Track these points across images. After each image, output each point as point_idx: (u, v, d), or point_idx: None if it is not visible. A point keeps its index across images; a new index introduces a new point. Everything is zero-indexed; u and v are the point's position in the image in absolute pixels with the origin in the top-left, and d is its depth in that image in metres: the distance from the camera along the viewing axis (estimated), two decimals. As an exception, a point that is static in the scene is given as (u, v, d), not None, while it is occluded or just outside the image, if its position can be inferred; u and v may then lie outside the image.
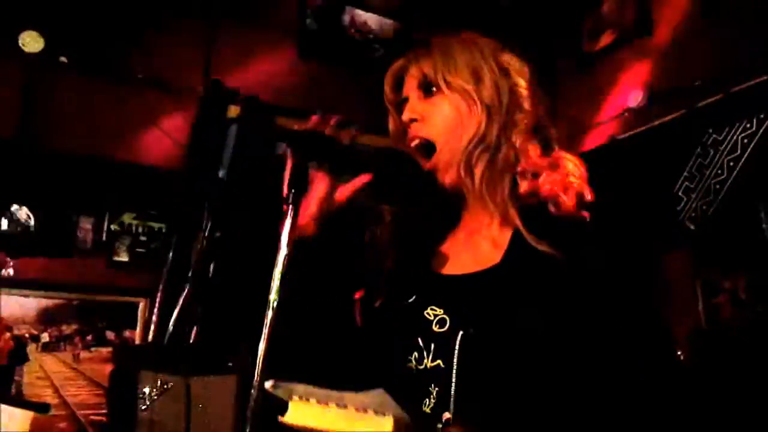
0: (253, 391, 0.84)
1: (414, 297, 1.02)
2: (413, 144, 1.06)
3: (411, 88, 1.11)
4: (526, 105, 1.06)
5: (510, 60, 1.10)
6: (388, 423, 0.72)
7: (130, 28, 3.29)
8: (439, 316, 0.97)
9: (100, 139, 3.18)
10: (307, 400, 0.79)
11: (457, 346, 0.93)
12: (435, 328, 0.97)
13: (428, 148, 1.06)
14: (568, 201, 0.98)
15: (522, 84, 1.08)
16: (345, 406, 0.76)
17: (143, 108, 3.31)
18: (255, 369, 0.93)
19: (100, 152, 3.16)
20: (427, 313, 0.99)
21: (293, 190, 0.87)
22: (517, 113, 1.05)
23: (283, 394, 0.80)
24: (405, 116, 1.09)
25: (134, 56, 3.29)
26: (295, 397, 0.79)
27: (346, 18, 3.83)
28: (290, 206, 0.87)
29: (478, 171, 1.02)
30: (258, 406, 0.86)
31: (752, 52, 2.76)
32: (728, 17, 3.00)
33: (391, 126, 1.17)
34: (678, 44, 3.25)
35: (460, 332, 0.94)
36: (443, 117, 1.06)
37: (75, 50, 3.14)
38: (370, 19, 3.87)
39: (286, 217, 0.87)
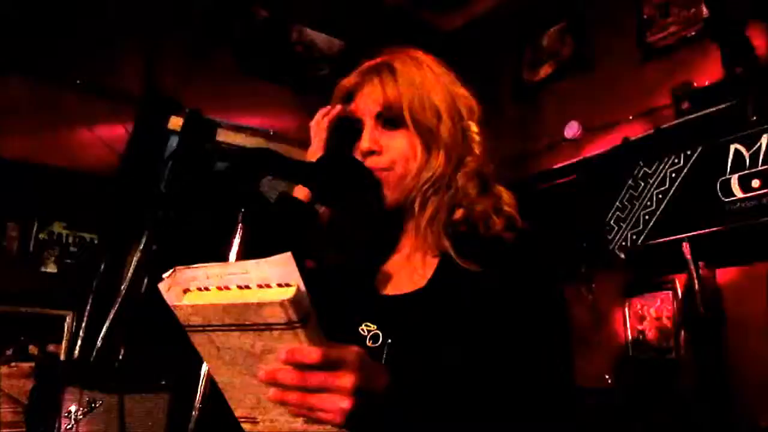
0: (194, 412, 0.82)
1: (348, 315, 1.05)
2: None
3: (368, 111, 1.10)
4: (477, 149, 1.10)
5: (463, 97, 1.13)
6: (289, 291, 0.69)
7: (68, 29, 3.20)
8: (373, 332, 1.00)
9: (31, 143, 3.06)
10: (207, 288, 0.75)
11: (383, 359, 0.95)
12: (369, 344, 0.99)
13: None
14: (497, 223, 1.03)
15: (474, 129, 1.11)
16: (247, 286, 0.72)
17: (79, 112, 3.20)
18: (196, 387, 0.91)
19: (31, 156, 3.04)
20: (362, 330, 1.02)
21: (244, 209, 0.86)
22: (467, 156, 1.09)
23: (180, 285, 0.77)
24: (364, 146, 1.08)
25: (72, 59, 3.19)
26: (193, 288, 0.76)
27: (293, 35, 3.83)
28: (240, 225, 0.86)
29: (429, 208, 1.05)
30: (198, 423, 0.84)
31: (682, 92, 2.91)
32: (660, 58, 3.16)
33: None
34: (613, 80, 3.40)
35: (386, 344, 0.97)
36: (402, 151, 1.08)
37: (8, 49, 3.02)
38: (317, 37, 3.88)
39: (235, 236, 0.87)
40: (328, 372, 0.73)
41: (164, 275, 0.78)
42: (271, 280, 0.72)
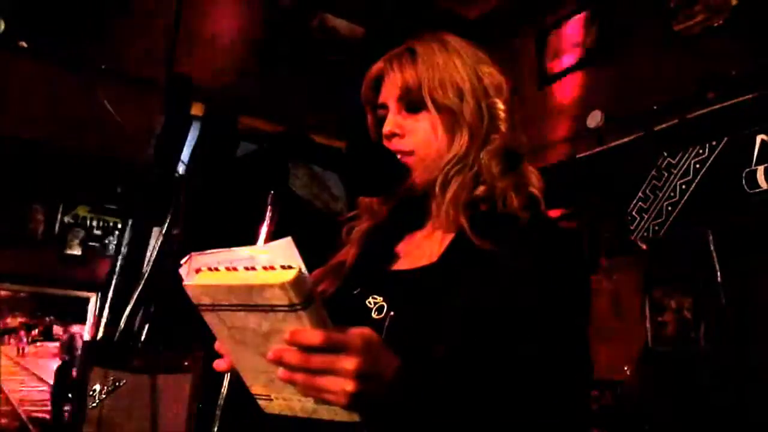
0: (222, 389, 0.83)
1: (359, 289, 1.06)
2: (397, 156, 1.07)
3: (391, 96, 1.11)
4: (503, 127, 1.09)
5: (490, 74, 1.12)
6: (290, 274, 0.71)
7: (93, 15, 3.23)
8: (379, 304, 1.02)
9: (57, 128, 3.10)
10: (217, 269, 0.79)
11: (384, 331, 0.96)
12: (374, 315, 1.01)
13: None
14: (515, 200, 1.03)
15: (500, 106, 1.10)
16: (253, 268, 0.75)
17: (104, 97, 3.24)
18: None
19: (57, 141, 3.08)
20: (369, 302, 1.03)
21: (273, 191, 0.87)
22: (493, 134, 1.08)
23: (193, 266, 0.80)
24: (386, 129, 1.09)
25: (96, 44, 3.23)
26: (204, 269, 0.80)
27: (315, 21, 3.83)
28: (270, 207, 0.87)
29: (452, 188, 1.05)
30: (227, 403, 0.86)
31: (707, 82, 2.87)
32: (685, 47, 3.12)
33: (369, 123, 1.19)
34: (637, 69, 3.36)
35: (389, 317, 0.98)
36: (425, 133, 1.08)
37: (35, 35, 3.06)
38: (339, 24, 3.88)
39: (265, 218, 0.88)
40: (332, 355, 0.75)
41: (182, 261, 0.82)
42: (276, 262, 0.74)
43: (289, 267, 0.73)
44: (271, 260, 0.74)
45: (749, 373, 2.63)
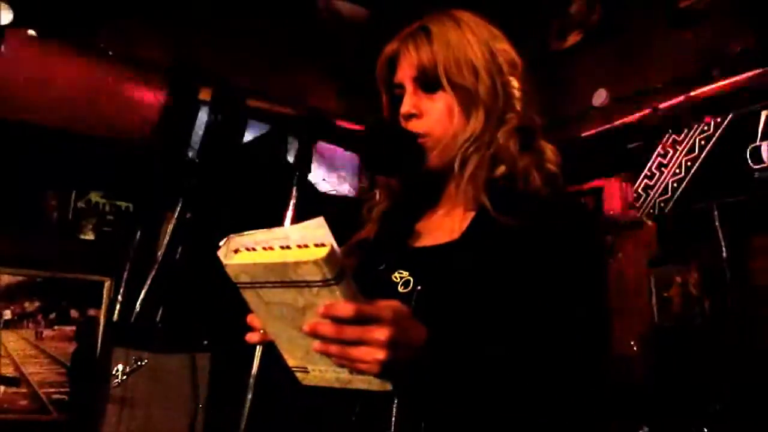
0: (255, 360, 0.87)
1: (384, 264, 1.09)
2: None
3: (407, 76, 1.12)
4: (518, 106, 1.11)
5: (504, 51, 1.13)
6: (323, 251, 0.75)
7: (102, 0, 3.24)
8: (404, 279, 1.05)
9: (69, 114, 3.13)
10: (254, 249, 0.83)
11: (413, 304, 0.98)
12: (400, 289, 1.04)
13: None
14: (536, 178, 1.05)
15: (515, 84, 1.12)
16: (288, 246, 0.79)
17: (114, 83, 3.26)
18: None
19: (69, 127, 3.11)
20: (395, 277, 1.06)
21: (298, 172, 0.91)
22: (508, 113, 1.10)
23: (232, 247, 0.85)
24: (404, 110, 1.11)
25: (105, 30, 3.24)
26: (242, 249, 0.84)
27: (321, 2, 3.83)
28: (295, 188, 0.90)
29: (470, 166, 1.07)
30: (258, 377, 0.90)
31: (712, 59, 2.88)
32: (690, 24, 3.12)
33: (384, 102, 1.20)
34: (642, 46, 3.36)
35: (416, 290, 1.01)
36: (441, 114, 1.10)
37: (45, 21, 3.08)
38: (343, 6, 3.88)
39: (290, 199, 0.91)
40: (364, 326, 0.79)
41: (220, 243, 0.85)
42: (309, 240, 0.78)
43: (322, 245, 0.77)
44: (304, 239, 0.78)
45: (752, 348, 2.67)
